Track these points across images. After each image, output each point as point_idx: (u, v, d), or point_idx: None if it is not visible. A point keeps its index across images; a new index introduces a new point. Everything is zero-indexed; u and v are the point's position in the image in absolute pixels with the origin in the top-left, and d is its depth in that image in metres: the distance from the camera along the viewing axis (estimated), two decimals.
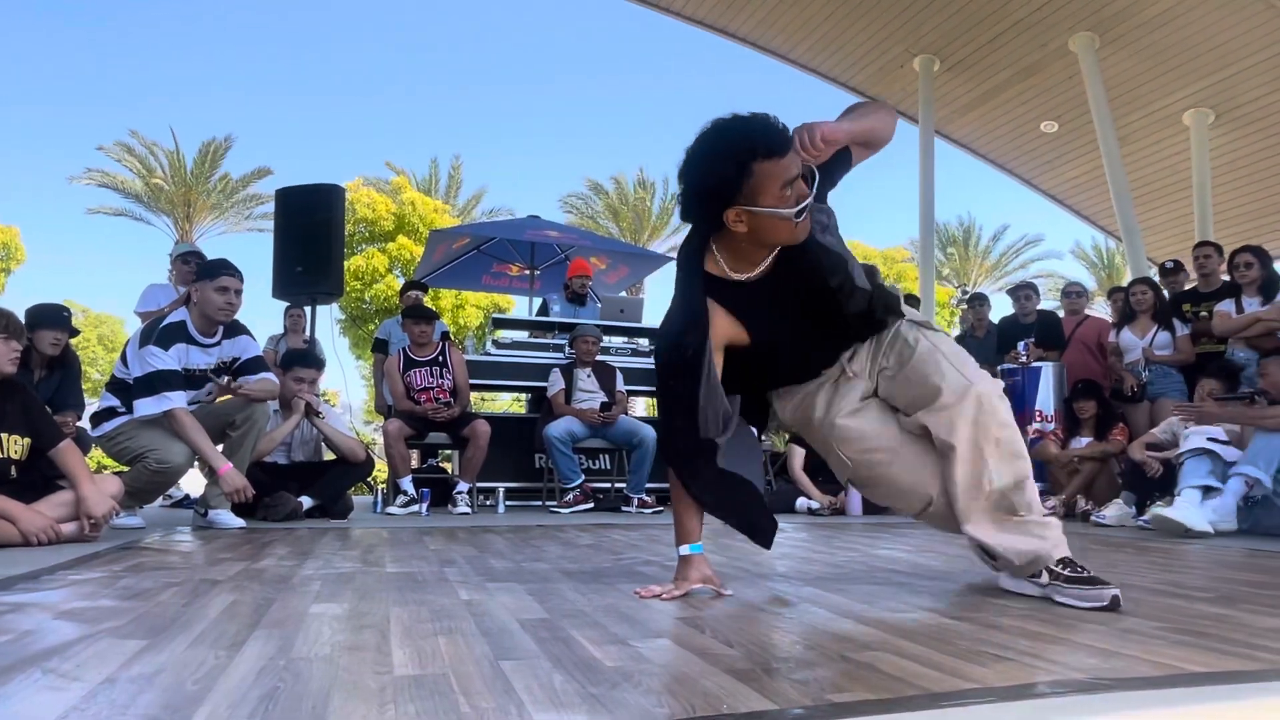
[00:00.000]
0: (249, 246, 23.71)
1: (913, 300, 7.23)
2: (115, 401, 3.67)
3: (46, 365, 4.10)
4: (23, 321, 3.12)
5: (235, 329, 3.83)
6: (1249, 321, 4.86)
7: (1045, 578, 1.72)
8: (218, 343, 3.77)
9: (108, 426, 3.64)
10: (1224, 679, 1.09)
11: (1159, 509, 3.55)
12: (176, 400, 3.52)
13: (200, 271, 3.79)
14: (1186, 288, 5.78)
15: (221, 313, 3.67)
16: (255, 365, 3.86)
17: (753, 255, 1.72)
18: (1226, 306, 5.01)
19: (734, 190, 1.57)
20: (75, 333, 4.21)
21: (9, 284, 21.10)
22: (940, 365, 1.75)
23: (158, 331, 3.59)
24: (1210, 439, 3.74)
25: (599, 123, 53.64)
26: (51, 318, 4.09)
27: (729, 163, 1.55)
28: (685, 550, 1.84)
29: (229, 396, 3.81)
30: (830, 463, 1.96)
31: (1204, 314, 5.28)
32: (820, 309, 1.78)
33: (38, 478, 3.02)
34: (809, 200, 1.60)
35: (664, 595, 1.74)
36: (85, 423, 4.28)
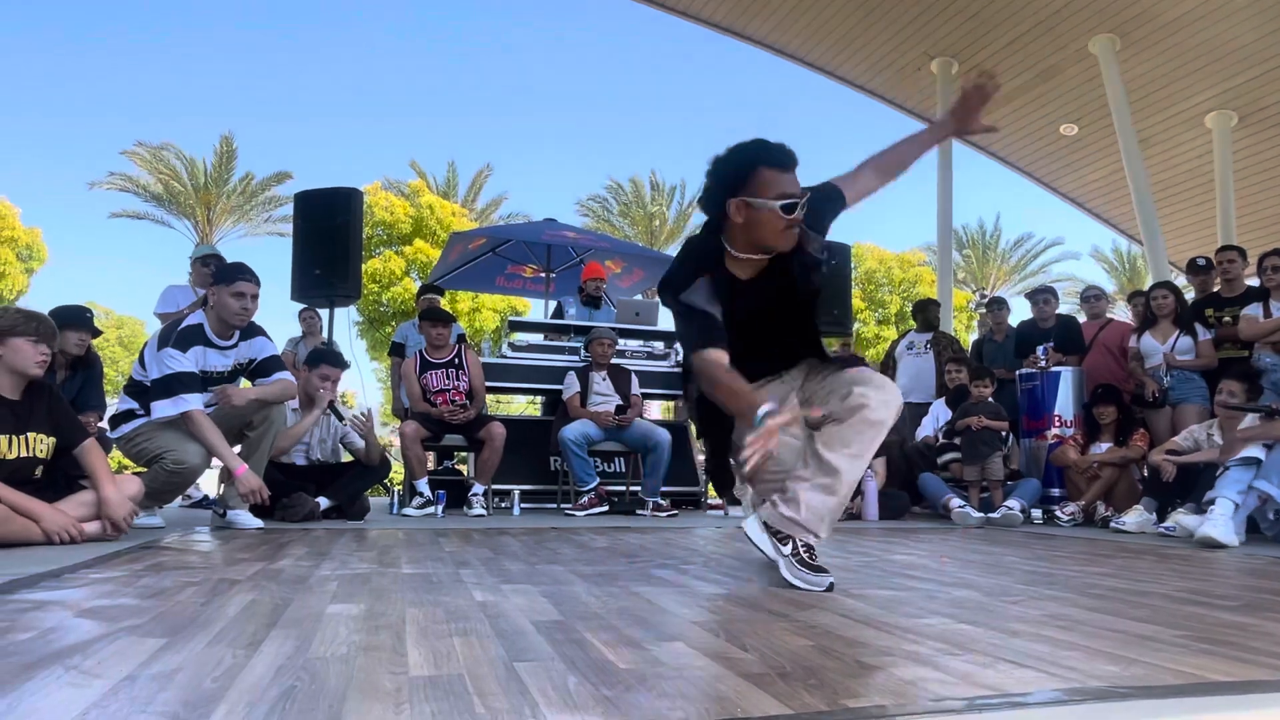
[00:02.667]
0: (269, 249, 23.99)
1: (931, 303, 7.14)
2: (134, 404, 3.70)
3: (70, 366, 4.15)
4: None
5: (252, 330, 3.85)
6: (1277, 325, 4.78)
7: (789, 547, 1.93)
8: (235, 345, 3.79)
9: (126, 428, 3.68)
10: (1246, 688, 1.07)
11: (1203, 528, 3.45)
12: (193, 402, 3.54)
13: (217, 276, 3.79)
14: (1214, 289, 5.69)
15: (237, 318, 3.70)
16: (272, 365, 3.88)
17: (751, 257, 2.02)
18: (1254, 310, 4.92)
19: (739, 183, 1.93)
20: (98, 333, 4.27)
21: (32, 284, 21.41)
22: (865, 378, 1.97)
23: (175, 334, 3.62)
24: (1264, 445, 3.64)
25: (618, 128, 53.80)
26: (76, 319, 4.15)
27: (741, 162, 1.94)
28: (766, 408, 1.72)
29: (233, 400, 3.73)
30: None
31: (1227, 319, 5.21)
32: (791, 317, 2.12)
33: (60, 477, 3.05)
34: (800, 204, 1.93)
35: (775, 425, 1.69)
36: (105, 424, 4.33)
